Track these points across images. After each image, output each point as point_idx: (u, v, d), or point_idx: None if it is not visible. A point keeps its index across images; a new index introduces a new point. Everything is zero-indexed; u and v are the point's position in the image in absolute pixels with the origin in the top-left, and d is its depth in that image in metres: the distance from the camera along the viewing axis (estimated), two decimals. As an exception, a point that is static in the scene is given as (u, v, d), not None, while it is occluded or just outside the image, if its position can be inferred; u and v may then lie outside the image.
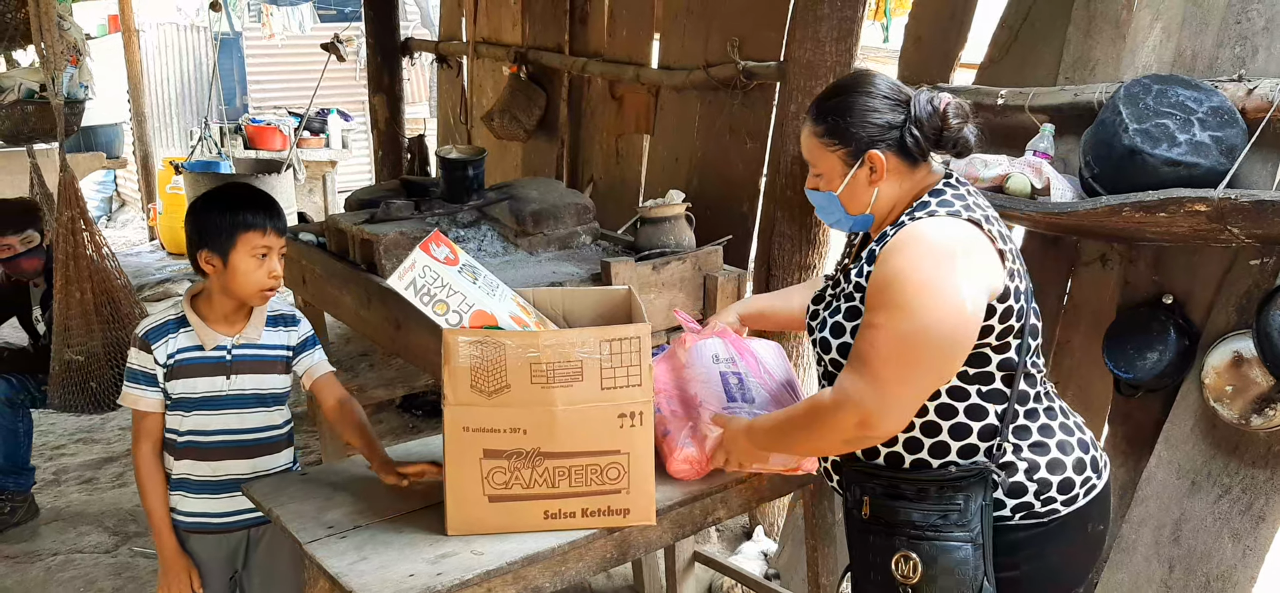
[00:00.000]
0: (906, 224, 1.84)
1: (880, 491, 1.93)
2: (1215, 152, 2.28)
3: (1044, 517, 1.88)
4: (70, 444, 4.95)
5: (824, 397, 1.86)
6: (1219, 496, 2.47)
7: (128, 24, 9.44)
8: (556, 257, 3.75)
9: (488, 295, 2.05)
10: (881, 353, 1.77)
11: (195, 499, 2.40)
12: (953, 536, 1.85)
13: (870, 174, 1.89)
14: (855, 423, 1.80)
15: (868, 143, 1.88)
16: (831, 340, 1.94)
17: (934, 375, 1.81)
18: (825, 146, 1.92)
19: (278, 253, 2.32)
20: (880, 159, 1.88)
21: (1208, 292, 2.57)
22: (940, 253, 1.77)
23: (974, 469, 1.85)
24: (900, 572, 1.89)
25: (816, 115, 1.94)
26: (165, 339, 2.32)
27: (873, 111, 1.88)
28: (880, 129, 1.88)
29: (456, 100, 6.56)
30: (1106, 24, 2.84)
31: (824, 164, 1.94)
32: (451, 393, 1.93)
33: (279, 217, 2.35)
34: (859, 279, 1.90)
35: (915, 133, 1.87)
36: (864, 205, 1.93)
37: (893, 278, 1.78)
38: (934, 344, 1.76)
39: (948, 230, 1.81)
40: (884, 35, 6.35)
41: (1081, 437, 1.95)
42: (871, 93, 1.89)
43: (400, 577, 1.87)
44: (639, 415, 1.98)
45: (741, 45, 3.98)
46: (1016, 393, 1.87)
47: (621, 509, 2.03)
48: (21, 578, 3.76)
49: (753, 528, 3.90)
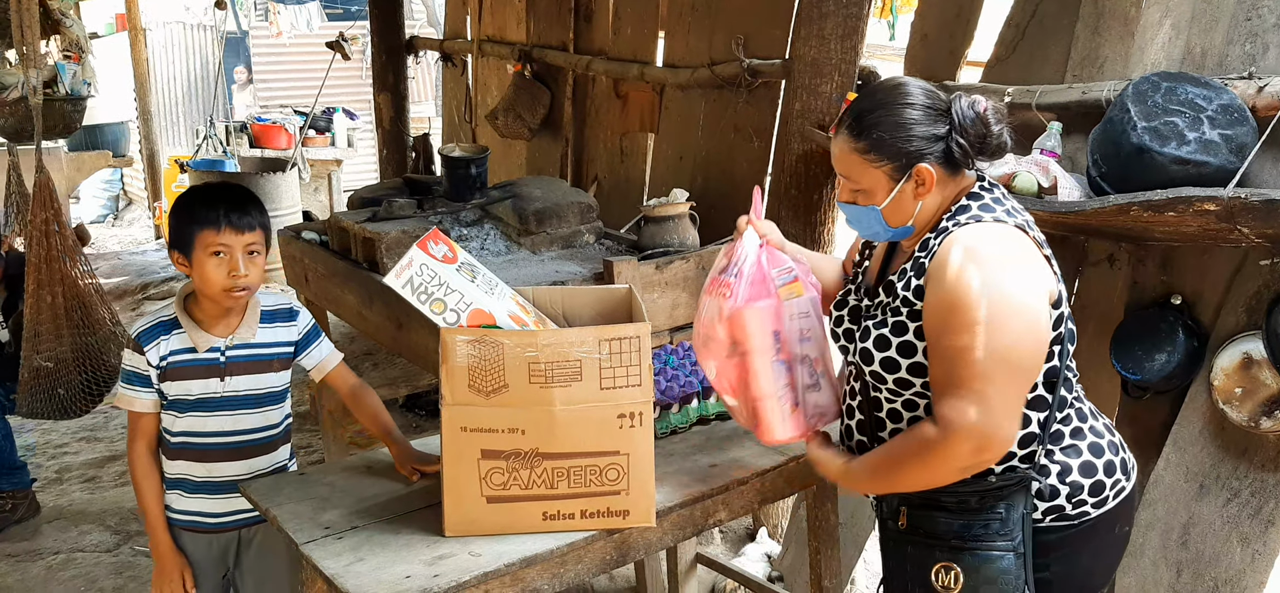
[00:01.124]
0: (951, 232, 1.80)
1: (918, 501, 1.88)
2: (1225, 150, 2.24)
3: (1075, 519, 1.86)
4: (73, 443, 4.94)
5: (929, 433, 1.77)
6: (1228, 499, 2.43)
7: (134, 23, 9.45)
8: (559, 256, 3.73)
9: (486, 294, 2.03)
10: (978, 374, 1.70)
11: (189, 499, 2.38)
12: (995, 545, 1.82)
13: (916, 187, 1.83)
14: (972, 450, 1.73)
15: (916, 157, 1.82)
16: (875, 353, 1.87)
17: (1027, 379, 1.77)
18: (868, 163, 1.84)
19: (241, 251, 2.22)
20: (929, 173, 1.82)
21: (1217, 292, 2.54)
22: (1003, 261, 1.75)
23: (1014, 478, 1.82)
24: (940, 582, 1.85)
25: (856, 130, 1.85)
26: (158, 341, 2.29)
27: (917, 124, 1.82)
28: (926, 141, 1.82)
29: (461, 99, 6.55)
30: (1115, 21, 2.80)
31: (866, 179, 1.86)
32: (449, 393, 1.91)
33: (245, 213, 2.24)
34: (907, 293, 1.84)
35: (961, 142, 1.82)
36: (907, 217, 1.87)
37: (959, 294, 1.72)
38: (1024, 352, 1.73)
39: (1003, 238, 1.78)
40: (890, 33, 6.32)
41: (1111, 439, 1.93)
42: (913, 104, 1.83)
43: (396, 578, 1.84)
44: (639, 416, 1.95)
45: (746, 43, 3.96)
46: (1057, 399, 1.85)
47: (621, 511, 2.00)
48: (23, 576, 3.75)
49: (756, 530, 3.88)
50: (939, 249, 1.79)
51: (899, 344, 1.84)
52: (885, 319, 1.88)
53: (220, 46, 10.01)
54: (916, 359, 1.82)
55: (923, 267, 1.82)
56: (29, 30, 3.72)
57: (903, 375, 1.85)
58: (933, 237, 1.84)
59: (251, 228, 2.24)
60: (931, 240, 1.84)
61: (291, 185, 7.60)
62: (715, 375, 2.05)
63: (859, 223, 1.94)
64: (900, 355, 1.84)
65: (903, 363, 1.84)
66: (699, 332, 2.05)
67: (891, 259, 2.01)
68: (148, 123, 9.54)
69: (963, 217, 1.82)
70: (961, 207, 1.85)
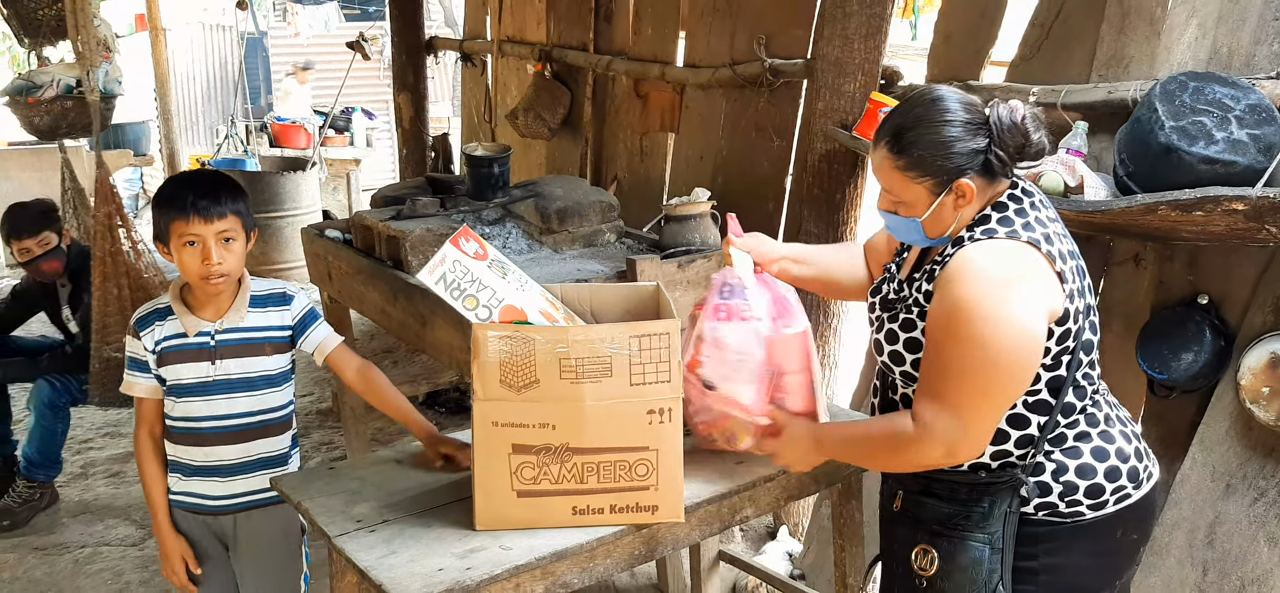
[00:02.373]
0: (965, 244, 1.84)
1: (915, 487, 1.99)
2: (1253, 149, 2.24)
3: (1067, 516, 1.90)
4: (97, 438, 4.99)
5: (906, 427, 1.87)
6: (1254, 498, 2.43)
7: (154, 23, 9.53)
8: (581, 254, 3.74)
9: (518, 291, 2.05)
10: (957, 386, 1.80)
11: (188, 480, 2.44)
12: (973, 536, 1.91)
13: (956, 200, 1.87)
14: (942, 454, 1.84)
15: (956, 173, 1.84)
16: (886, 344, 1.99)
17: (1008, 399, 1.84)
18: (909, 179, 1.87)
19: (213, 239, 2.24)
20: (970, 188, 1.85)
21: (1244, 292, 2.53)
22: (1000, 282, 1.78)
23: (1005, 477, 1.89)
24: (918, 564, 1.97)
25: (895, 148, 1.87)
26: (153, 326, 2.36)
27: (957, 141, 1.84)
28: (966, 157, 1.84)
29: (480, 99, 6.57)
30: (1141, 21, 2.80)
31: (907, 194, 1.89)
32: (481, 388, 1.92)
33: (216, 202, 2.25)
34: (918, 295, 1.93)
35: (1000, 154, 1.84)
36: (946, 228, 1.91)
37: (956, 310, 1.79)
38: (1006, 372, 1.79)
39: (1006, 257, 1.81)
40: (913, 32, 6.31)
41: (1123, 446, 1.94)
42: (952, 121, 1.84)
43: (429, 571, 1.86)
44: (668, 412, 1.97)
45: (768, 42, 3.97)
46: (1062, 405, 1.88)
47: (650, 506, 2.02)
48: (51, 570, 3.80)
49: (777, 529, 3.89)
50: (950, 261, 1.84)
51: (907, 340, 1.94)
52: (900, 314, 1.97)
53: (240, 46, 10.05)
54: (919, 356, 1.91)
55: (934, 272, 1.89)
56: (84, 29, 3.76)
57: (907, 370, 1.95)
58: (951, 245, 1.89)
59: (221, 215, 2.26)
60: (950, 248, 1.88)
61: (311, 184, 7.65)
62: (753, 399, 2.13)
63: (899, 231, 1.99)
64: (907, 351, 1.94)
65: (908, 358, 1.94)
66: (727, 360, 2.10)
67: (926, 254, 2.05)
68: (168, 122, 9.62)
69: (978, 230, 1.86)
70: (982, 217, 1.88)
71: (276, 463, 2.48)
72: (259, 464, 2.45)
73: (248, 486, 2.45)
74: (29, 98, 5.66)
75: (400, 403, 2.44)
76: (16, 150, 9.15)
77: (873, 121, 3.26)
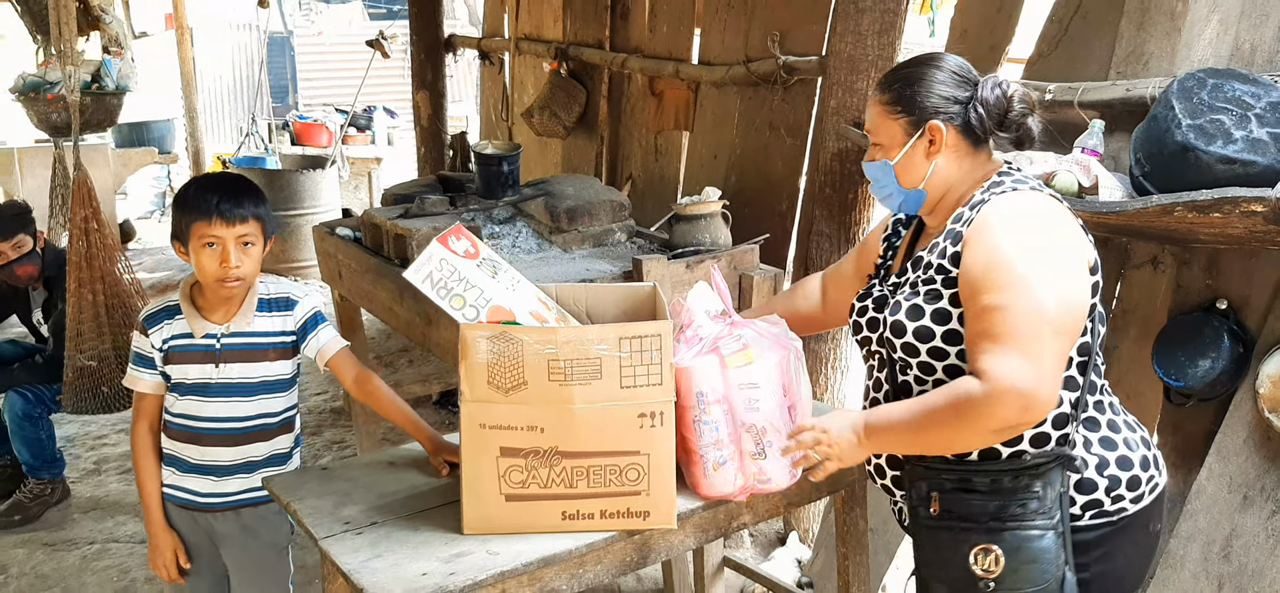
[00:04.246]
0: (988, 202, 1.82)
1: (950, 485, 1.86)
2: (1274, 149, 2.16)
3: (1113, 515, 1.85)
4: (112, 434, 5.01)
5: (972, 388, 1.71)
6: (1273, 511, 2.35)
7: (180, 22, 9.59)
8: (590, 254, 3.70)
9: (508, 291, 2.01)
10: (1021, 330, 1.68)
11: (181, 476, 2.44)
12: (1035, 524, 1.80)
13: (928, 146, 1.90)
14: (1019, 408, 1.68)
15: (931, 113, 1.89)
16: (907, 323, 1.86)
17: (1069, 337, 1.76)
18: (889, 113, 1.93)
19: (232, 242, 2.24)
20: (940, 130, 1.88)
21: (1264, 297, 2.45)
22: (1043, 221, 1.79)
23: (1049, 455, 1.81)
24: (981, 566, 1.82)
25: (884, 84, 1.96)
26: (161, 325, 2.36)
27: (939, 84, 1.89)
28: (944, 101, 1.89)
29: (498, 97, 6.55)
30: (1161, 16, 2.72)
31: (885, 132, 1.94)
32: (468, 389, 1.88)
33: (238, 205, 2.25)
34: (941, 261, 1.85)
35: (980, 111, 1.88)
36: (918, 179, 1.92)
37: (1002, 253, 1.74)
38: (1066, 309, 1.73)
39: (1041, 201, 1.82)
40: (930, 29, 6.23)
41: (1142, 433, 1.94)
42: (940, 67, 1.91)
43: (413, 576, 1.82)
44: (660, 416, 1.92)
45: (782, 40, 3.91)
46: (1087, 382, 1.84)
47: (641, 512, 1.97)
48: (58, 565, 3.80)
49: (787, 535, 3.83)
50: (977, 215, 1.82)
51: (933, 312, 1.85)
52: (917, 290, 1.89)
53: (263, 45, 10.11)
54: (951, 326, 1.83)
55: (958, 234, 1.84)
56: (66, 28, 3.76)
57: (937, 344, 1.85)
58: (966, 209, 1.87)
59: (243, 219, 2.26)
60: (965, 212, 1.87)
61: (332, 183, 7.67)
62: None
63: (876, 182, 2.01)
64: (935, 323, 1.85)
65: (937, 330, 1.84)
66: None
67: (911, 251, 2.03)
68: (193, 120, 9.68)
69: (996, 190, 1.86)
70: (995, 183, 1.88)
71: (275, 464, 2.47)
72: (256, 466, 2.44)
73: (241, 485, 2.44)
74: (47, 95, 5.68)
75: (401, 409, 2.40)
76: (41, 148, 9.25)
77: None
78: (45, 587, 3.67)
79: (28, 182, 8.64)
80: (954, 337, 1.82)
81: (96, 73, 5.82)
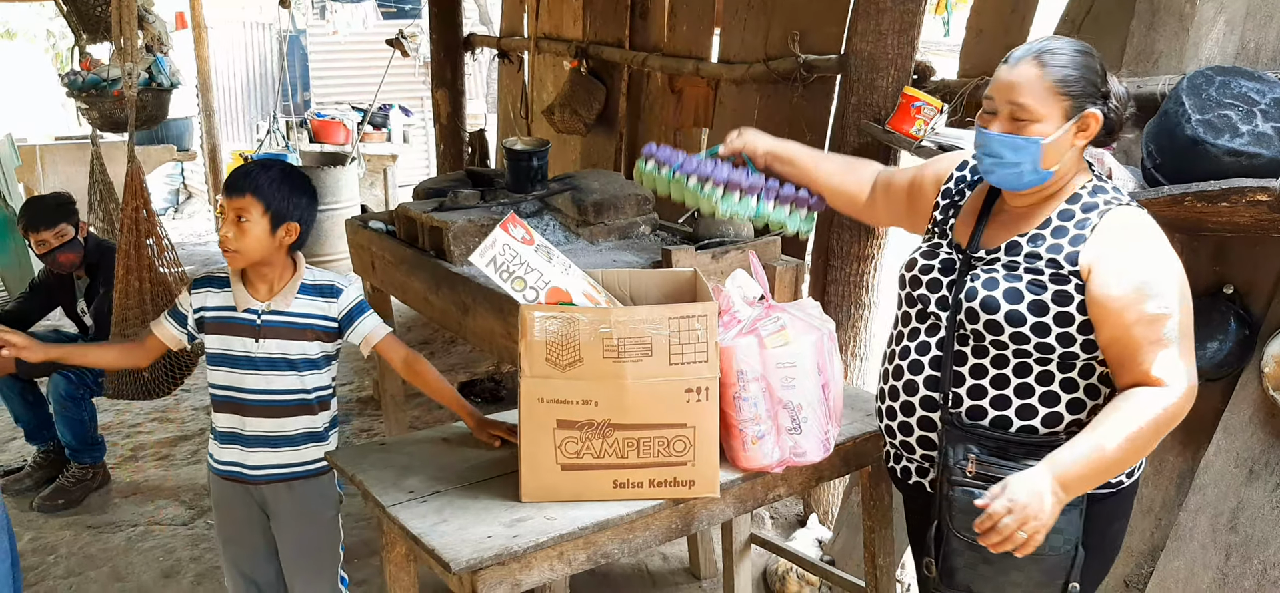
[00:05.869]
0: (1110, 209, 1.94)
1: (989, 449, 1.97)
2: (1277, 142, 2.29)
3: (1115, 487, 2.00)
4: (147, 422, 5.15)
5: (1168, 399, 1.84)
6: (1277, 484, 2.48)
7: (197, 20, 9.72)
8: (616, 246, 3.83)
9: (562, 274, 2.15)
10: (1184, 333, 1.88)
11: (226, 449, 2.60)
12: None
13: (1077, 132, 1.94)
14: (1188, 407, 1.88)
15: (1092, 101, 1.93)
16: (1002, 302, 1.94)
17: None
18: (1053, 93, 1.91)
19: (232, 212, 2.43)
20: (1096, 121, 1.94)
21: (1269, 282, 2.58)
22: (1162, 235, 1.94)
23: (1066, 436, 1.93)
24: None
25: (1044, 60, 1.92)
26: (205, 291, 2.56)
27: (1100, 78, 1.95)
28: (1101, 97, 1.94)
29: (517, 95, 6.68)
30: (1170, 17, 2.85)
31: (1044, 108, 1.91)
32: (528, 365, 2.02)
33: (237, 182, 2.44)
34: (1055, 256, 1.93)
35: (1116, 108, 1.96)
36: (1056, 161, 1.95)
37: (1160, 266, 1.89)
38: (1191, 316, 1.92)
39: (1152, 221, 1.96)
40: (945, 29, 6.34)
41: None
42: (1098, 59, 1.97)
43: (478, 538, 1.96)
44: (705, 391, 2.06)
45: (802, 38, 4.03)
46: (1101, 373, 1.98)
47: (687, 481, 2.11)
48: (104, 546, 3.94)
49: (806, 516, 3.96)
50: (1103, 222, 1.92)
51: (1033, 302, 1.93)
52: (1015, 273, 1.96)
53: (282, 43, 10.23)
54: (1045, 320, 1.92)
55: (1081, 236, 1.93)
56: (128, 26, 3.90)
57: (1023, 330, 1.93)
58: (1078, 209, 1.96)
59: (240, 194, 2.44)
60: (1077, 212, 1.96)
61: (352, 179, 7.79)
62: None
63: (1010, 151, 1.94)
64: (1032, 313, 1.92)
65: (1030, 319, 1.92)
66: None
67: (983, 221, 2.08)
68: (210, 118, 9.80)
69: (1105, 198, 1.96)
70: (1099, 187, 1.99)
71: (312, 440, 2.61)
72: (294, 440, 2.58)
73: (283, 458, 2.59)
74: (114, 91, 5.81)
75: (447, 389, 2.56)
76: (62, 145, 9.40)
77: (905, 116, 3.32)
78: (93, 566, 3.80)
79: (50, 178, 8.78)
80: (1043, 329, 1.92)
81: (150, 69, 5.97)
